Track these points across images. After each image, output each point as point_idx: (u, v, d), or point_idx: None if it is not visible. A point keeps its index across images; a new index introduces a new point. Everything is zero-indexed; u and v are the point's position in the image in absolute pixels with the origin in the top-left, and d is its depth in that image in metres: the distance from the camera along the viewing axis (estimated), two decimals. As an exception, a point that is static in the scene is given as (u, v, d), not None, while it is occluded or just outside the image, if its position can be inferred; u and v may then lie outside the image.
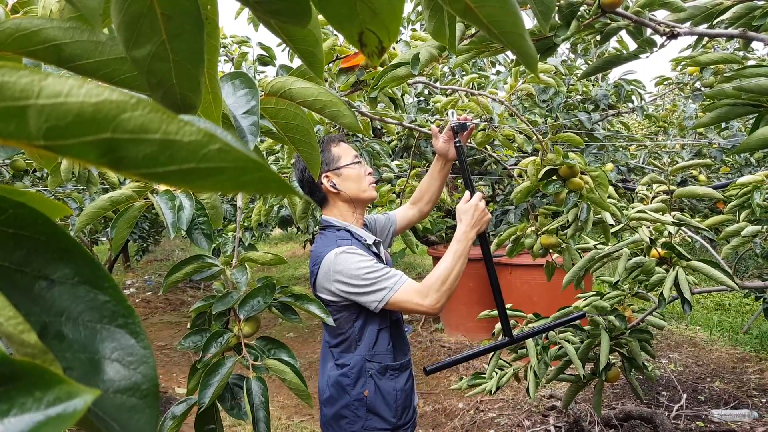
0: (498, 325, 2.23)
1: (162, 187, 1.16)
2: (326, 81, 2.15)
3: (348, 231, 1.94)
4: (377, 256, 1.95)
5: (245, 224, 3.17)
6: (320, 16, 0.49)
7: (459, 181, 5.47)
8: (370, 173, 2.02)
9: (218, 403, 1.31)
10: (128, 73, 0.39)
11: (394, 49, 1.89)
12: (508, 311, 2.24)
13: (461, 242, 1.81)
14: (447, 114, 2.19)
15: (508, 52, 4.02)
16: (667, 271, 1.90)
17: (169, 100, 0.39)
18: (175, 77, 0.38)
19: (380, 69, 1.65)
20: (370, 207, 2.75)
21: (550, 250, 2.12)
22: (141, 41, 0.36)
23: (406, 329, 2.00)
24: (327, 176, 1.95)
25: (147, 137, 0.21)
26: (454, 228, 5.75)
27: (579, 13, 1.18)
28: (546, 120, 3.98)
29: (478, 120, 2.42)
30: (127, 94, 0.20)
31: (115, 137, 0.21)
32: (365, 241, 1.94)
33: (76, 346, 0.26)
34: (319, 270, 1.83)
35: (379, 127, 3.99)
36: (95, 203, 1.11)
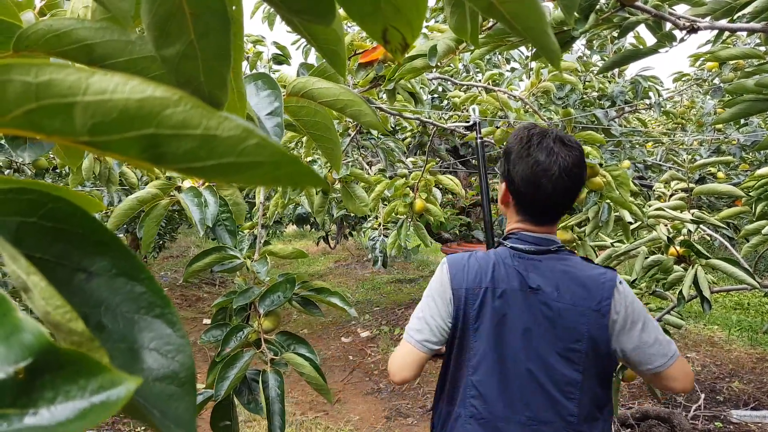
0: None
1: (186, 184, 1.18)
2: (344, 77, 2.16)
3: None
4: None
5: (262, 221, 3.20)
6: (341, 11, 0.49)
7: (473, 178, 5.46)
8: None
9: (235, 398, 1.32)
10: (158, 71, 0.39)
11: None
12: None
13: None
14: (467, 110, 2.19)
15: (522, 48, 4.00)
16: (685, 269, 1.89)
17: (197, 97, 0.40)
18: (203, 75, 0.39)
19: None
20: (386, 203, 2.74)
21: (566, 246, 2.11)
22: (170, 40, 0.37)
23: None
24: None
25: (188, 132, 0.21)
26: (467, 225, 5.72)
27: (598, 6, 1.17)
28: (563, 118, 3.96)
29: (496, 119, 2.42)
30: (170, 90, 0.21)
31: (158, 133, 0.21)
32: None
33: (115, 337, 0.27)
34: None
35: (393, 124, 3.99)
36: (124, 204, 1.13)
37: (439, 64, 1.37)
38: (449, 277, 1.42)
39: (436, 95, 4.50)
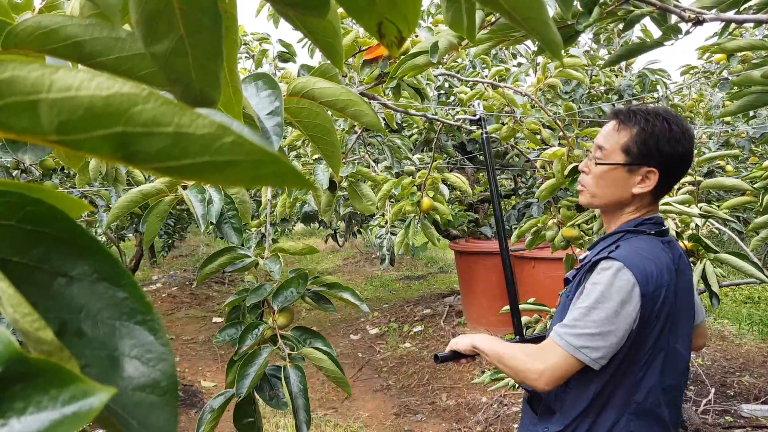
0: (523, 320, 2.21)
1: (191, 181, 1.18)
2: (349, 74, 2.15)
3: None
4: None
5: (270, 219, 3.20)
6: (339, 9, 0.48)
7: (480, 174, 5.44)
8: None
9: (256, 394, 1.32)
10: (148, 69, 0.39)
11: (417, 36, 1.87)
12: (531, 305, 2.22)
13: (487, 351, 1.46)
14: (472, 105, 2.17)
15: (528, 42, 3.97)
16: (694, 264, 1.87)
17: (188, 95, 0.39)
18: (194, 72, 0.38)
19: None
20: (393, 201, 2.73)
21: (572, 243, 2.09)
22: (159, 37, 0.36)
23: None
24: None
25: (160, 130, 0.20)
26: (475, 222, 5.70)
27: None
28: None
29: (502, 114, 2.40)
30: (139, 87, 0.20)
31: (127, 131, 0.20)
32: None
33: (95, 344, 0.26)
34: None
35: (399, 121, 3.98)
36: (126, 196, 1.13)
37: (442, 60, 1.36)
38: (637, 286, 1.28)
39: (442, 91, 4.48)
